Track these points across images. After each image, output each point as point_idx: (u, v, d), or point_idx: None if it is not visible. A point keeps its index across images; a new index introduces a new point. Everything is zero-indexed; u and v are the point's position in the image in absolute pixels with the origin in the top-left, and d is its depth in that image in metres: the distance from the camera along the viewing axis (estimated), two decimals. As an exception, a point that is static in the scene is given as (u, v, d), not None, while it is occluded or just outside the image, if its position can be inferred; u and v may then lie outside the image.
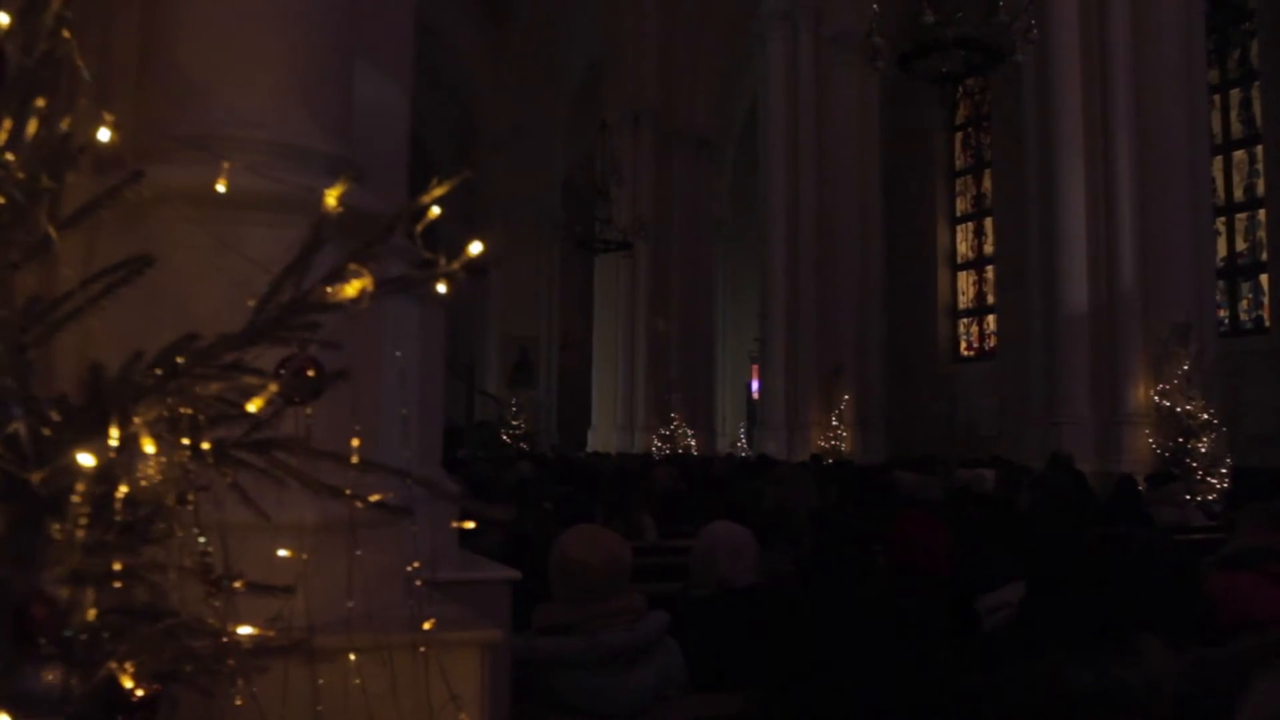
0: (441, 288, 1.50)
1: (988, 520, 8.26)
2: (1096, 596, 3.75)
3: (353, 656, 2.09)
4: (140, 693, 1.45)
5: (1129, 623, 3.72)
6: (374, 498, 1.68)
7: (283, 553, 1.76)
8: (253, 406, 1.44)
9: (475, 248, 1.46)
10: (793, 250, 25.73)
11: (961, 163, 32.49)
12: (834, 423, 24.39)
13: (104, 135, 1.58)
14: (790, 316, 25.62)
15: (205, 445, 1.51)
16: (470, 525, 2.10)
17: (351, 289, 1.42)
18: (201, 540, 1.55)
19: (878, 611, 4.61)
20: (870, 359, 25.80)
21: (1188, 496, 12.96)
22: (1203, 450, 16.33)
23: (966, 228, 32.18)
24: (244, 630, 1.54)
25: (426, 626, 1.91)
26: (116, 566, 1.47)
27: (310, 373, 1.55)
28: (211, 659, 1.55)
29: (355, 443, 1.56)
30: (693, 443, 29.93)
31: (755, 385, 32.15)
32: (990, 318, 30.69)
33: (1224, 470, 16.18)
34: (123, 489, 1.46)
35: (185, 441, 1.51)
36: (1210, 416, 16.58)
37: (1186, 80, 18.04)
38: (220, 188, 1.73)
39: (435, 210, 1.56)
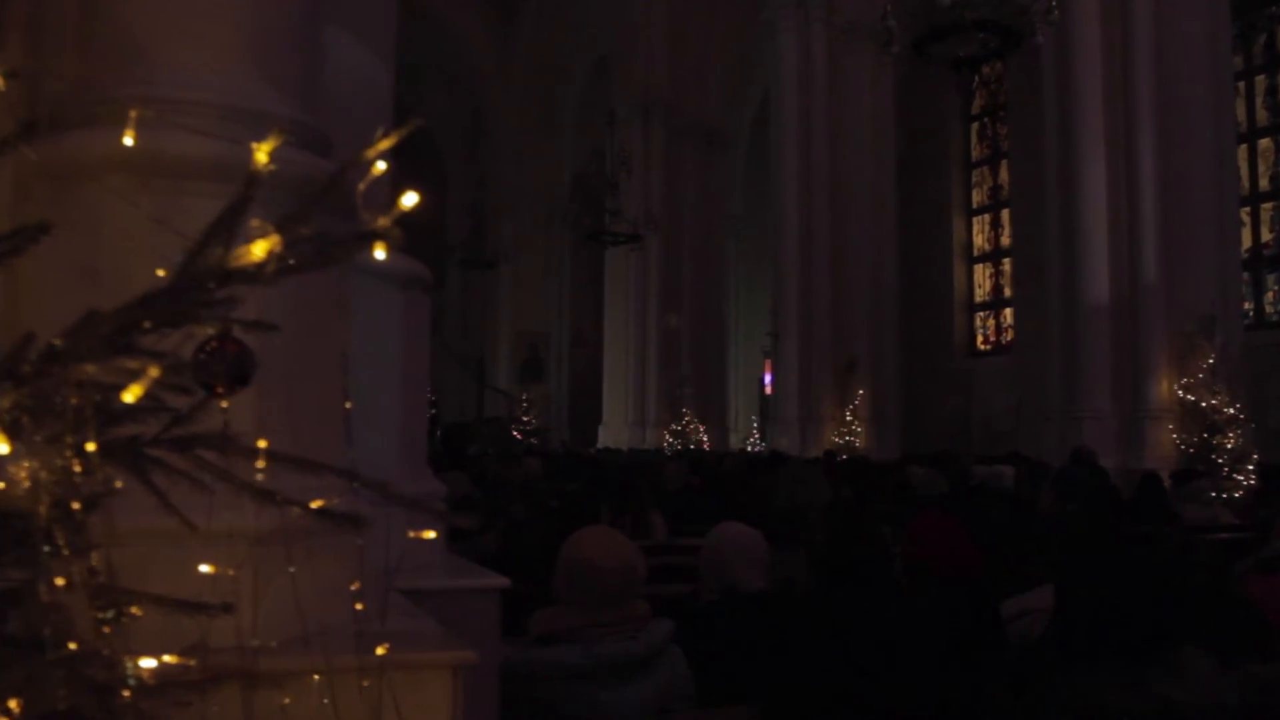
0: (380, 253, 1.23)
1: (1009, 520, 8.04)
2: (1135, 605, 3.47)
3: (315, 678, 1.84)
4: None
5: (1171, 634, 3.44)
6: (315, 503, 1.42)
7: (205, 568, 1.50)
8: (129, 396, 1.18)
9: (409, 199, 1.20)
10: (805, 243, 25.55)
11: (978, 153, 32.21)
12: (848, 418, 24.21)
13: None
14: (803, 310, 25.44)
15: (90, 445, 1.25)
16: (432, 536, 1.88)
17: (259, 249, 1.16)
18: (94, 558, 1.29)
19: (894, 618, 4.38)
20: (884, 353, 25.63)
21: (1214, 494, 12.69)
22: (1229, 446, 16.09)
23: (983, 219, 31.91)
24: (146, 662, 1.28)
25: (380, 651, 1.64)
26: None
27: (233, 358, 1.31)
28: (110, 694, 1.30)
29: (262, 443, 1.29)
30: (705, 438, 29.82)
31: (768, 380, 31.96)
32: (1007, 311, 30.42)
33: (1251, 466, 15.93)
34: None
35: (69, 439, 1.25)
36: (1236, 411, 16.33)
37: (1211, 66, 17.80)
38: (128, 141, 1.46)
39: (380, 166, 1.30)
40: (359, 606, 1.70)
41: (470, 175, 42.35)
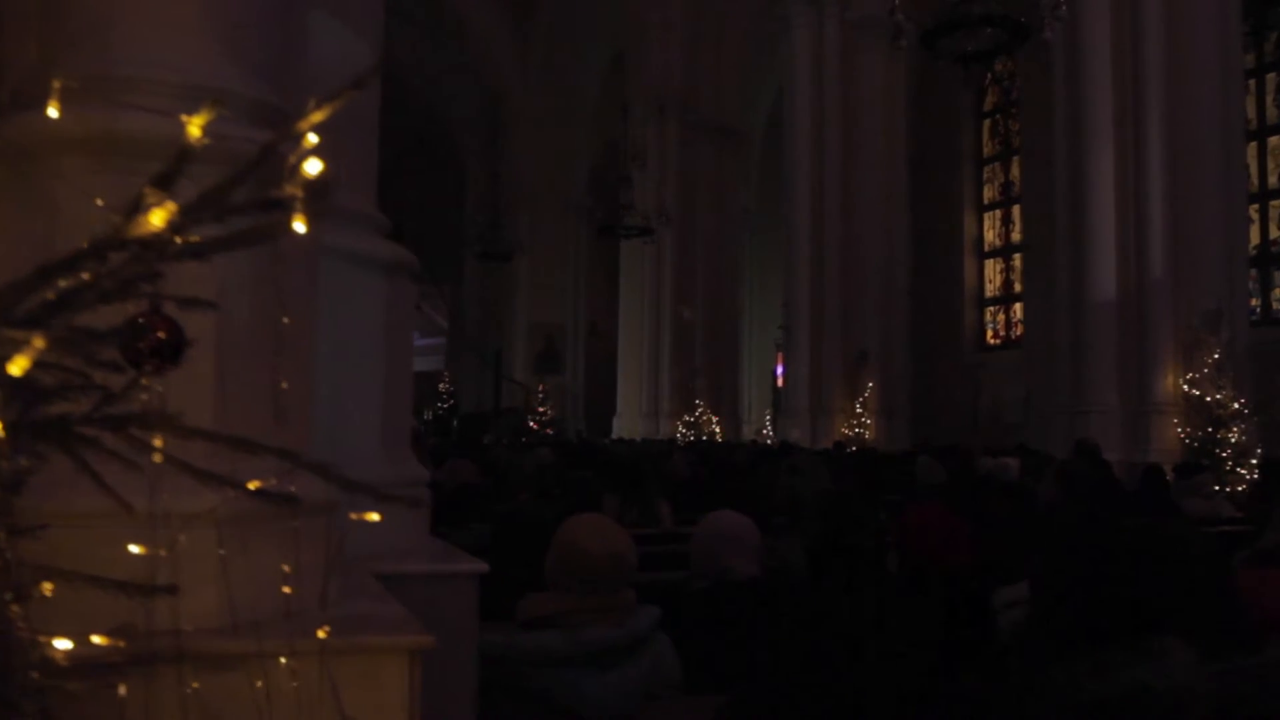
0: (300, 226, 1.24)
1: (1011, 512, 8.04)
2: (1112, 594, 3.46)
3: (285, 659, 1.85)
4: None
5: (1151, 623, 3.43)
6: (253, 484, 1.42)
7: (134, 549, 1.51)
8: (15, 369, 1.18)
9: (312, 167, 1.20)
10: (818, 238, 25.55)
11: (989, 150, 32.13)
12: (858, 410, 24.21)
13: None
14: (815, 303, 25.44)
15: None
16: (376, 518, 1.85)
17: (155, 219, 1.16)
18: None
19: (879, 609, 4.38)
20: (895, 347, 25.61)
21: (1216, 488, 12.68)
22: (1233, 440, 16.07)
23: (994, 215, 31.85)
24: (60, 643, 1.28)
25: (321, 634, 1.64)
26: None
27: (160, 335, 1.31)
28: (23, 676, 1.30)
29: (192, 422, 1.30)
30: (717, 429, 29.86)
31: (780, 372, 31.99)
32: (1017, 306, 30.35)
33: (1254, 461, 15.90)
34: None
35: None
36: (1241, 406, 16.31)
37: (1221, 64, 17.73)
38: (53, 112, 1.47)
39: (312, 139, 1.30)
40: (287, 590, 1.70)
41: (488, 169, 42.42)
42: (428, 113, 40.28)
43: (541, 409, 35.31)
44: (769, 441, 28.33)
